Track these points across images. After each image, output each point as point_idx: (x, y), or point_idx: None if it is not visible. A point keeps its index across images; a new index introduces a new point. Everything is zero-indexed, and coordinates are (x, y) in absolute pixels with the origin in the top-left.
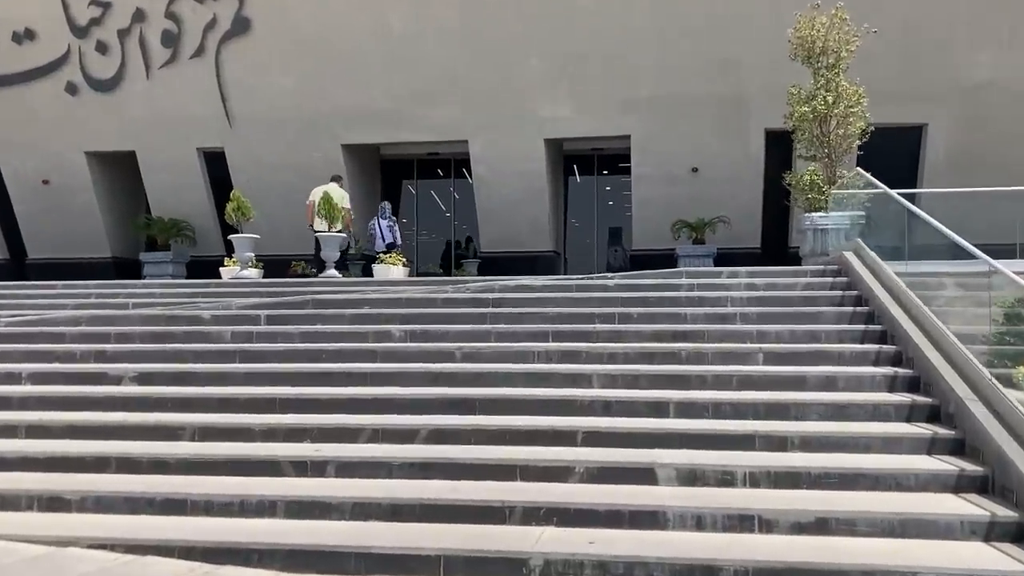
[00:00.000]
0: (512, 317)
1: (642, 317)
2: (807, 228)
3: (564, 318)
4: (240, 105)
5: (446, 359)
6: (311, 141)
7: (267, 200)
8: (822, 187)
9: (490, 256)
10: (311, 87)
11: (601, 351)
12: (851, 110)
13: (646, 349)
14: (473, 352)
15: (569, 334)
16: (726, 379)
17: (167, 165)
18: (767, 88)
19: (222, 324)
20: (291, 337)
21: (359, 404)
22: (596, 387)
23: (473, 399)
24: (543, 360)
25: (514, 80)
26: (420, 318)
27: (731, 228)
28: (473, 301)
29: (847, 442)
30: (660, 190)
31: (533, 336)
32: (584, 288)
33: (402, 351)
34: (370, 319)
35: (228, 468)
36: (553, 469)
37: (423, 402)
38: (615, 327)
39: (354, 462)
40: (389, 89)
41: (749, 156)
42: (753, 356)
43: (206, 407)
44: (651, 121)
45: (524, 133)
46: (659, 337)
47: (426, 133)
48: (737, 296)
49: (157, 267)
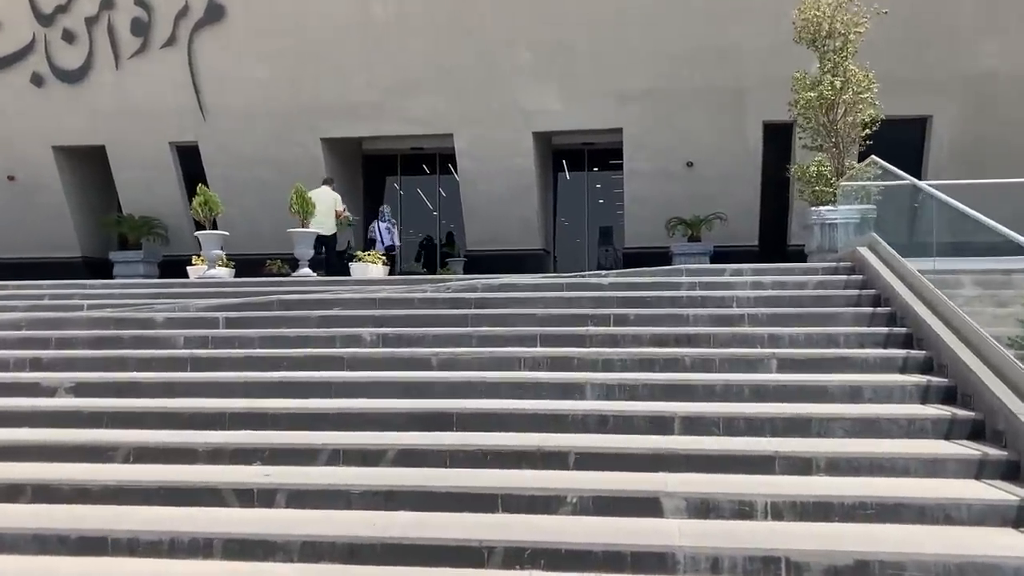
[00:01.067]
0: (496, 319)
1: (640, 319)
2: (813, 223)
3: (554, 320)
4: (214, 97)
5: (421, 366)
6: (289, 135)
7: (243, 196)
8: (830, 179)
9: (476, 255)
10: (289, 78)
11: (595, 357)
12: (860, 96)
13: (646, 355)
14: (452, 358)
15: (559, 338)
16: (737, 389)
17: (138, 160)
18: (766, 79)
19: (176, 328)
20: (250, 342)
21: (319, 419)
22: (590, 399)
23: (450, 413)
24: (530, 367)
25: (501, 70)
26: (395, 320)
27: (728, 225)
28: (454, 301)
29: (882, 464)
30: (654, 186)
31: (519, 340)
32: (576, 287)
33: (372, 358)
34: (340, 321)
35: (162, 496)
36: (541, 498)
37: (393, 417)
38: (611, 330)
39: (308, 490)
40: (371, 80)
41: (747, 150)
42: (766, 362)
43: (145, 422)
44: (644, 114)
45: (512, 126)
46: (660, 341)
47: (409, 126)
48: (743, 296)
49: (128, 267)
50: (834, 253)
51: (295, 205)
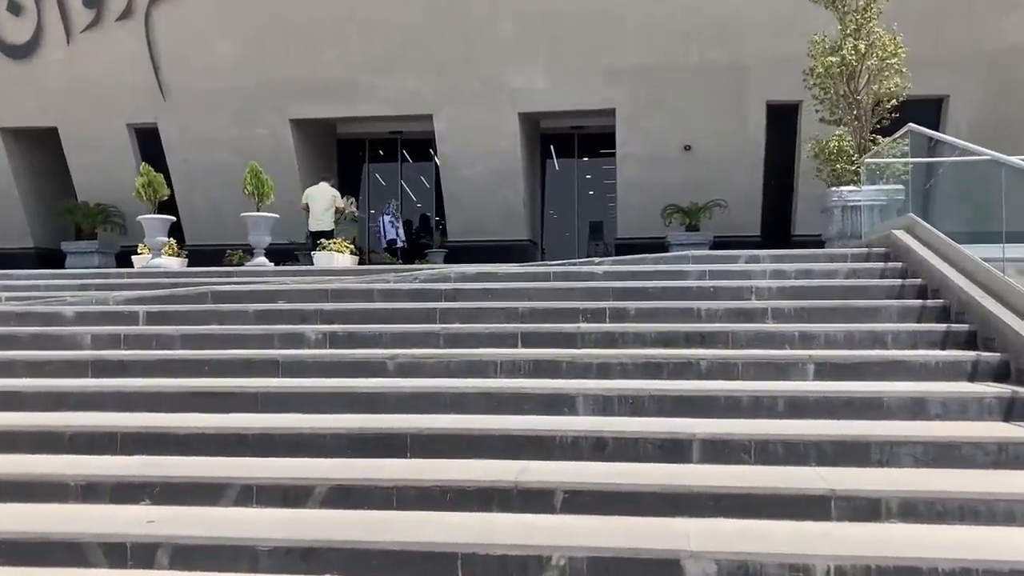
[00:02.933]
0: (470, 314)
1: (642, 314)
2: (833, 205)
3: (539, 315)
4: (174, 75)
5: (374, 372)
6: (255, 115)
7: (206, 182)
8: (852, 156)
9: (457, 245)
10: (255, 54)
11: (589, 360)
12: (888, 62)
13: (651, 357)
14: (412, 362)
15: (545, 337)
16: (768, 402)
17: (93, 143)
18: (769, 55)
19: (86, 324)
20: (170, 341)
21: (236, 442)
22: (583, 414)
23: (403, 434)
24: (508, 373)
25: (483, 45)
26: (348, 316)
27: (728, 214)
28: (420, 294)
29: (976, 509)
30: (648, 171)
31: (496, 339)
32: (565, 277)
33: (315, 361)
34: (282, 317)
35: (4, 555)
36: (516, 560)
37: (330, 439)
38: (607, 327)
39: (203, 544)
40: (343, 56)
41: (748, 133)
42: (800, 367)
43: (17, 445)
44: (638, 93)
45: (495, 106)
46: (667, 341)
47: (385, 107)
48: (763, 287)
49: (81, 258)
50: (857, 240)
51: (249, 185)
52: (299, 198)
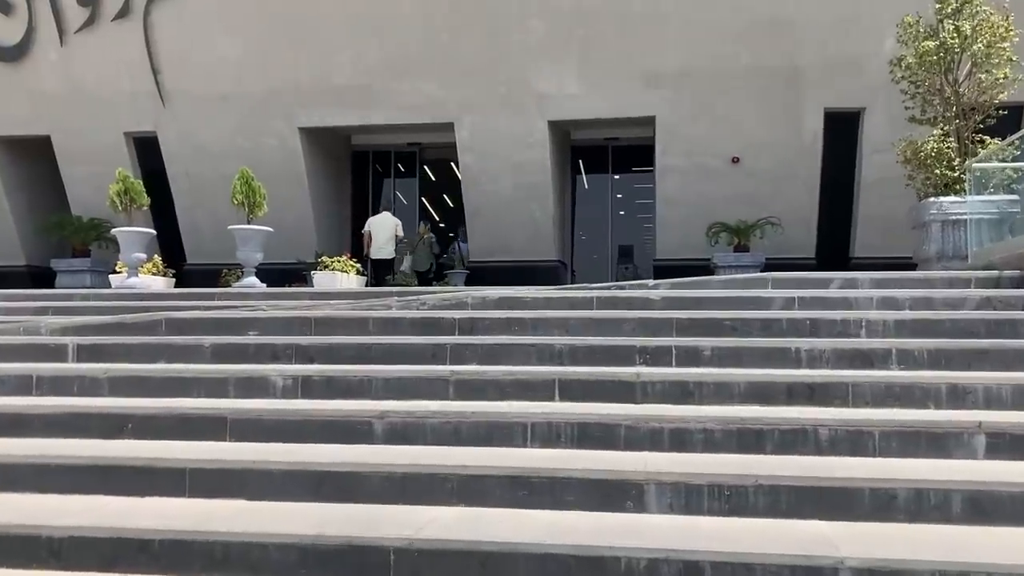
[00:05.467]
0: (490, 353)
1: (721, 355)
2: (931, 220)
3: (581, 355)
4: (175, 79)
5: (355, 435)
6: (262, 124)
7: (210, 195)
8: (953, 159)
9: (480, 266)
10: (261, 56)
11: (657, 423)
12: (997, 48)
13: (746, 421)
14: (408, 423)
15: (592, 387)
16: (937, 499)
17: (89, 153)
18: (828, 57)
19: None
20: (95, 386)
21: (134, 552)
22: (656, 511)
23: (384, 548)
24: (543, 441)
25: (510, 46)
26: (331, 353)
27: (781, 233)
28: (428, 324)
29: None
30: (691, 186)
31: (525, 389)
32: (612, 304)
33: (276, 420)
34: (246, 354)
35: None
36: None
37: (277, 552)
38: (675, 373)
39: None
40: (357, 60)
41: (804, 143)
42: (966, 440)
43: None
44: (681, 99)
45: (523, 113)
46: (763, 395)
47: (403, 114)
48: (875, 320)
49: (73, 277)
50: (960, 260)
51: (239, 194)
52: (309, 213)
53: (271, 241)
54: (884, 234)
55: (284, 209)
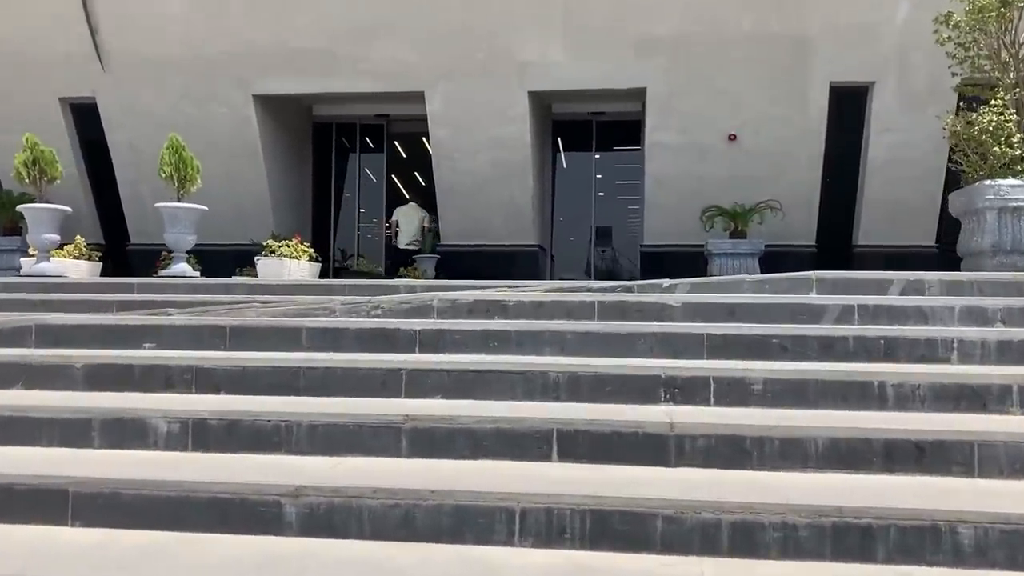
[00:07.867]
0: (459, 381)
1: (776, 390)
2: (985, 207)
3: (586, 388)
4: (116, 39)
5: (258, 524)
6: (213, 90)
7: (154, 168)
8: (1013, 135)
9: (453, 250)
10: (213, 15)
11: (710, 511)
12: None
13: (844, 513)
14: (338, 505)
15: (603, 440)
16: None
17: (18, 121)
18: (836, 26)
19: None
20: None
21: None
22: None
23: None
24: (538, 540)
25: (488, 8)
26: (244, 380)
27: (781, 218)
28: (379, 337)
29: None
30: (684, 165)
31: (510, 444)
32: (620, 312)
33: (147, 493)
34: (130, 380)
35: None
36: None
37: None
38: (720, 417)
39: None
40: (318, 21)
41: (808, 120)
42: None
43: None
44: (675, 69)
45: (501, 83)
46: (848, 457)
47: (368, 81)
48: (969, 339)
49: (2, 257)
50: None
51: (167, 165)
52: (265, 190)
53: (223, 221)
54: (891, 220)
55: (237, 185)
